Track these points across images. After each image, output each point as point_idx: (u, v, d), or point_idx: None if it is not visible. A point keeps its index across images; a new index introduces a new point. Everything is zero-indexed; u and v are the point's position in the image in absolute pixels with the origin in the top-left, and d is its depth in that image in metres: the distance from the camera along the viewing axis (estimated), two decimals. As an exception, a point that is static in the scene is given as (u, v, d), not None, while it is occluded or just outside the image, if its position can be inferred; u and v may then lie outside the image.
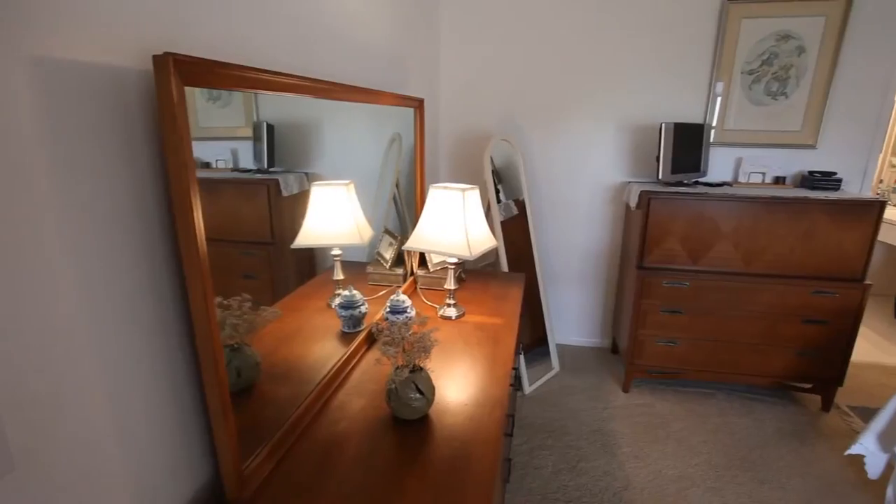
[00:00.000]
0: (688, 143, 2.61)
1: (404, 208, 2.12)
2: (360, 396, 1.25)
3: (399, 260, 1.98)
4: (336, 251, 1.44)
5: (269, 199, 1.16)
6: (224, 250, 1.01)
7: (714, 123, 2.81)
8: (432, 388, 1.14)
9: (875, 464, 1.97)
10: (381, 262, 1.88)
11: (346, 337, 1.47)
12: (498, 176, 2.96)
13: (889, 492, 1.95)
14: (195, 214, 0.75)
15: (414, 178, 2.12)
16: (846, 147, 2.75)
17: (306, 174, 1.30)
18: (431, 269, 1.99)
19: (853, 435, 2.02)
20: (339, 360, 1.34)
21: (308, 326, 1.34)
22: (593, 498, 2.01)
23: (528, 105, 2.94)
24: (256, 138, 1.09)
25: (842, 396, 2.66)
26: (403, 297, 1.56)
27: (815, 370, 2.54)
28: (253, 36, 1.05)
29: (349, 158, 1.57)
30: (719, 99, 2.79)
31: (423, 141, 2.09)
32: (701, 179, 2.77)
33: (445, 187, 1.62)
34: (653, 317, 2.58)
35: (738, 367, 2.60)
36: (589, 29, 2.77)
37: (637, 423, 2.50)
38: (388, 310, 1.53)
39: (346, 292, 1.47)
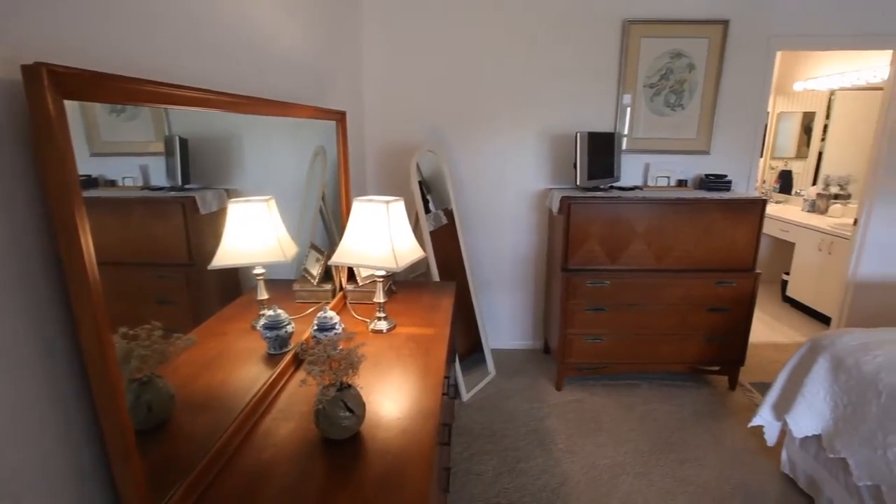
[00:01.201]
0: (602, 150, 2.79)
1: (332, 222, 2.08)
2: (287, 420, 1.20)
3: (327, 275, 1.94)
4: (258, 270, 1.38)
5: (186, 217, 1.10)
6: (134, 275, 0.94)
7: (625, 132, 3.03)
8: (362, 405, 1.12)
9: (772, 432, 2.19)
10: (309, 278, 1.83)
11: (272, 359, 1.41)
12: (427, 186, 2.99)
13: (784, 455, 2.18)
14: (83, 239, 0.68)
15: (339, 191, 2.09)
16: (733, 152, 3.07)
17: (226, 190, 1.24)
18: (361, 283, 1.96)
19: (754, 409, 2.23)
20: (264, 384, 1.28)
21: (231, 351, 1.27)
22: (533, 497, 2.06)
23: (452, 116, 3.00)
24: (169, 153, 1.02)
25: (744, 375, 2.94)
26: (331, 313, 1.53)
27: (722, 353, 2.79)
28: (156, 48, 0.99)
29: (272, 173, 1.52)
30: (629, 110, 3.01)
31: (347, 153, 2.07)
32: (615, 184, 2.96)
33: (369, 200, 1.61)
34: (579, 316, 2.71)
35: (657, 356, 2.80)
36: (506, 45, 2.89)
37: (571, 418, 2.60)
38: (315, 328, 1.49)
39: (271, 312, 1.41)
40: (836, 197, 4.17)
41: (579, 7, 2.85)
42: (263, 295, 1.40)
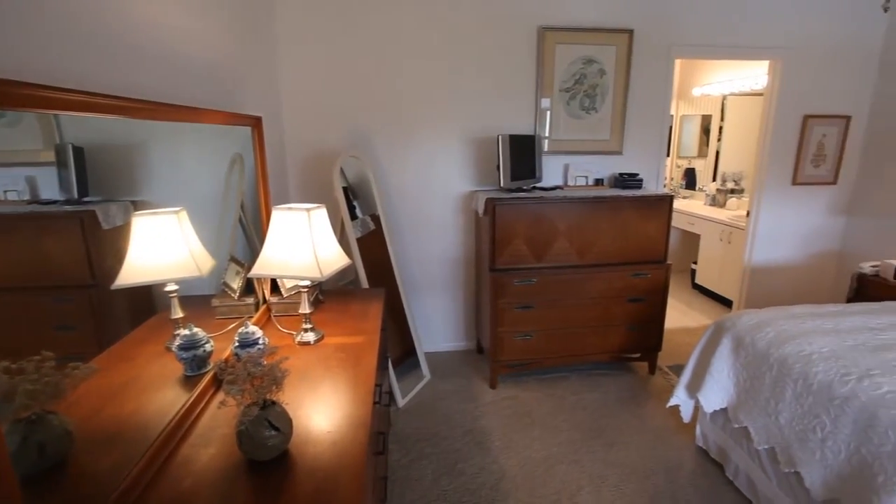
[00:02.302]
0: (523, 152, 2.89)
1: (253, 233, 1.99)
2: (208, 446, 1.13)
3: (249, 288, 1.85)
4: (171, 287, 1.29)
5: (85, 234, 1.00)
6: (24, 300, 0.85)
7: (547, 134, 3.16)
8: (289, 422, 1.08)
9: (687, 410, 2.37)
10: (229, 292, 1.74)
11: (189, 381, 1.32)
12: (353, 192, 2.94)
13: (697, 429, 2.37)
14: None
15: (259, 200, 2.00)
16: (643, 152, 3.29)
17: (133, 202, 1.15)
18: (285, 295, 1.89)
19: (671, 390, 2.41)
20: (181, 409, 1.19)
21: (143, 376, 1.18)
22: (472, 496, 2.08)
23: (375, 121, 2.97)
24: (61, 163, 0.93)
25: (662, 359, 3.16)
26: (253, 328, 1.46)
27: (641, 341, 2.99)
28: (36, 46, 0.89)
29: (185, 183, 1.43)
30: (549, 113, 3.14)
31: (265, 160, 1.99)
32: (538, 185, 3.07)
33: (289, 208, 1.56)
34: (509, 314, 2.78)
35: (584, 348, 2.94)
36: (427, 49, 2.91)
37: (506, 415, 2.66)
38: (236, 344, 1.42)
39: (186, 331, 1.32)
40: (733, 192, 4.60)
41: (497, 13, 2.94)
42: (178, 313, 1.31)
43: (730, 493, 2.09)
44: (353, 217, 2.81)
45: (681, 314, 4.11)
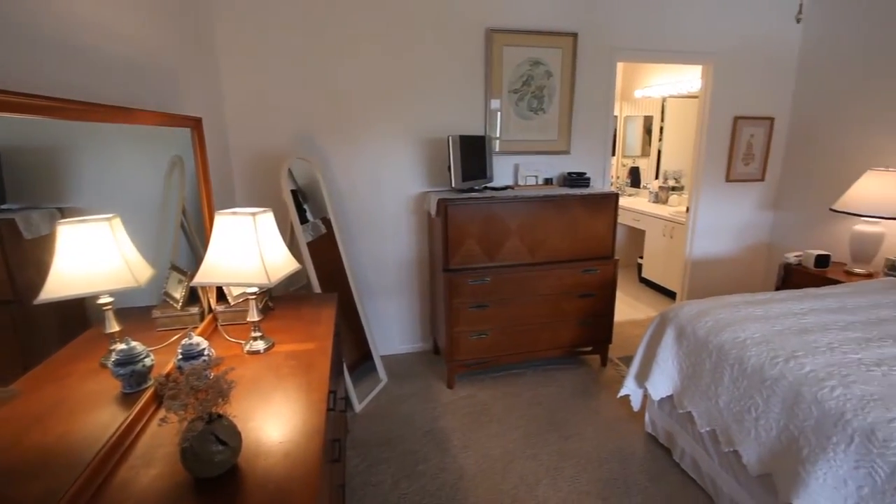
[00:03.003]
0: (474, 152, 2.92)
1: (196, 239, 1.90)
2: (149, 466, 1.07)
3: (193, 298, 1.77)
4: (105, 299, 1.21)
5: (3, 244, 0.93)
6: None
7: (498, 135, 3.20)
8: (237, 435, 1.04)
9: (636, 399, 2.47)
10: (171, 302, 1.66)
11: (127, 399, 1.25)
12: (302, 195, 2.87)
13: (647, 417, 2.48)
14: None
15: (201, 205, 1.92)
16: (590, 152, 3.41)
17: (60, 210, 1.07)
18: (233, 303, 1.82)
19: (622, 381, 2.51)
20: (118, 429, 1.12)
21: (73, 397, 1.10)
22: (432, 497, 2.08)
23: (323, 122, 2.92)
24: None
25: (613, 351, 3.28)
26: (198, 338, 1.40)
27: (592, 334, 3.08)
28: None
29: (119, 187, 1.35)
30: (499, 114, 3.18)
31: (206, 163, 1.91)
32: (489, 185, 3.11)
33: (233, 213, 1.50)
34: (464, 314, 2.80)
35: (538, 344, 3.00)
36: (376, 50, 2.89)
37: (464, 414, 2.68)
38: (179, 357, 1.35)
39: (123, 346, 1.25)
40: (674, 189, 4.84)
41: (445, 15, 2.95)
42: (113, 327, 1.24)
43: (677, 474, 2.19)
44: (304, 221, 2.75)
45: (629, 307, 4.27)
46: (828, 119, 3.51)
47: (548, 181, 3.30)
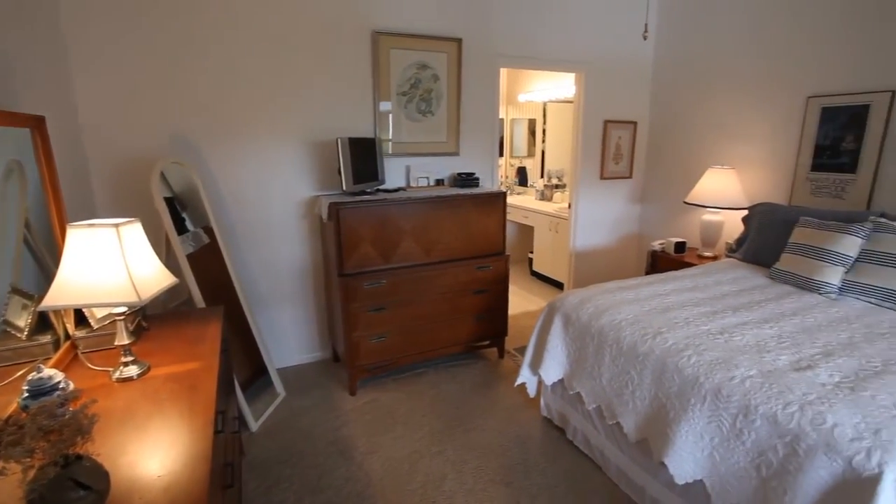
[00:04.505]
0: (365, 155, 2.89)
1: (45, 256, 1.65)
2: (-11, 525, 0.91)
3: (45, 324, 1.53)
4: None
5: None
6: None
7: (389, 137, 3.20)
8: (104, 476, 0.92)
9: (532, 386, 2.63)
10: (13, 332, 1.42)
11: (-44, 451, 1.05)
12: (180, 203, 2.62)
13: (542, 402, 2.65)
14: None
15: (51, 217, 1.67)
16: (479, 153, 3.54)
17: None
18: (96, 327, 1.61)
19: (518, 370, 2.65)
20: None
21: None
22: (338, 508, 2.03)
23: (200, 124, 2.69)
24: None
25: (509, 343, 3.45)
26: (50, 371, 1.22)
27: (489, 328, 3.21)
28: None
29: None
30: (390, 116, 3.18)
31: (54, 169, 1.66)
32: (381, 187, 3.10)
33: (90, 225, 1.33)
34: (362, 318, 2.76)
35: (438, 342, 3.05)
36: (257, 51, 2.73)
37: (368, 420, 2.64)
38: (25, 395, 1.17)
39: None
40: (557, 187, 5.21)
41: (330, 16, 2.88)
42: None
43: (571, 452, 2.37)
44: (183, 230, 2.52)
45: (523, 300, 4.52)
46: (678, 123, 4.03)
47: (439, 182, 3.38)
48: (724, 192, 3.38)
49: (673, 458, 1.71)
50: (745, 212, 3.34)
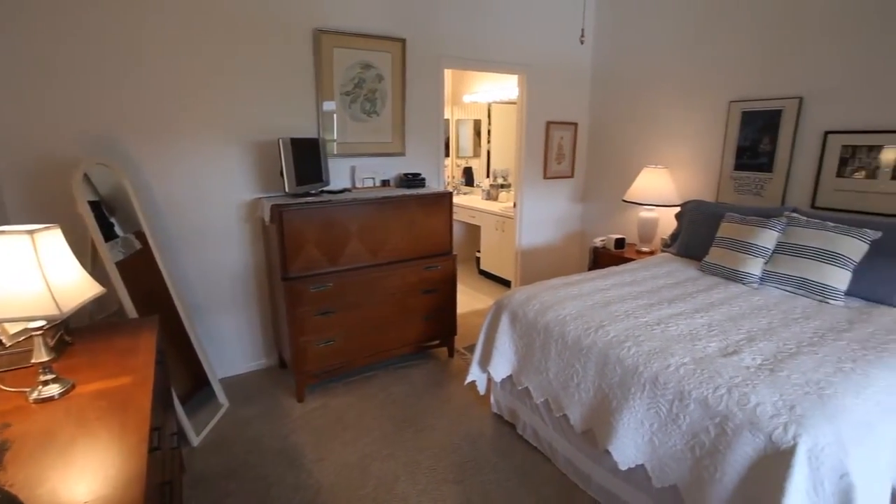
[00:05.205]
0: (308, 156, 2.82)
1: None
2: None
3: (-53, 343, 1.39)
4: None
5: None
6: None
7: (334, 137, 3.14)
8: (20, 504, 0.85)
9: (482, 383, 2.66)
10: None
11: None
12: (108, 207, 2.45)
13: (492, 399, 2.69)
14: None
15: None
16: (424, 153, 3.55)
17: None
18: (9, 344, 1.48)
19: (468, 368, 2.67)
20: None
21: None
22: (288, 520, 1.97)
23: (129, 124, 2.53)
24: None
25: (458, 342, 3.48)
26: (-45, 395, 1.10)
27: (438, 328, 3.23)
28: None
29: None
30: (335, 116, 3.11)
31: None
32: (326, 188, 3.03)
33: (0, 232, 1.22)
34: (309, 322, 2.70)
35: (387, 344, 3.03)
36: (191, 47, 2.59)
37: (317, 426, 2.58)
38: (-75, 422, 1.05)
39: None
40: (502, 186, 5.31)
41: (271, 13, 2.78)
42: None
43: (522, 446, 2.42)
44: (112, 236, 2.35)
45: (471, 298, 4.57)
46: (616, 124, 4.21)
47: (385, 183, 3.35)
48: (658, 191, 3.57)
49: (616, 445, 1.79)
50: (678, 209, 3.55)
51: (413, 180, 3.27)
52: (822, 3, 2.83)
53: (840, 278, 2.37)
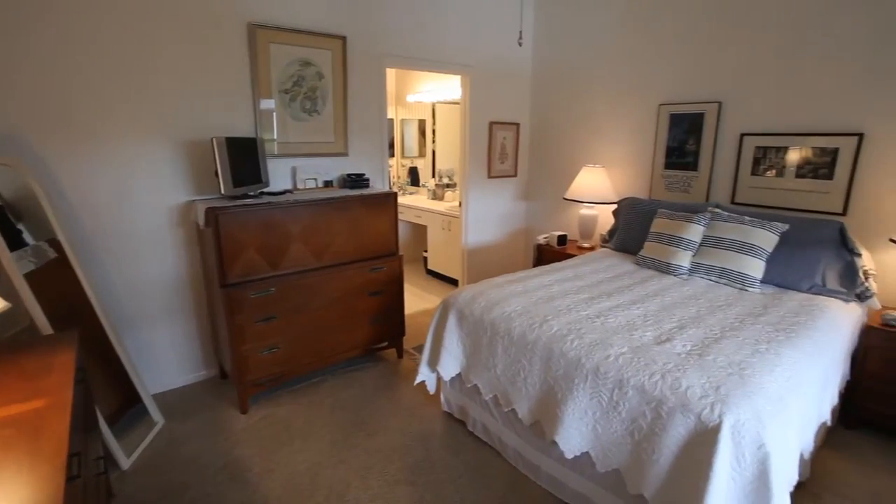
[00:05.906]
0: (245, 156, 2.70)
1: None
2: None
3: None
4: None
5: None
6: None
7: (274, 137, 3.02)
8: None
9: (431, 383, 2.66)
10: None
11: None
12: (14, 212, 2.23)
13: (442, 397, 2.69)
14: None
15: None
16: (367, 153, 3.50)
17: None
18: None
19: (417, 369, 2.66)
20: None
21: None
22: (231, 538, 1.88)
23: (36, 121, 2.31)
24: None
25: (407, 343, 3.46)
26: None
27: (387, 329, 3.19)
28: None
29: None
30: (274, 115, 3.00)
31: None
32: (265, 190, 2.92)
33: None
34: (250, 330, 2.59)
35: (335, 348, 2.96)
36: (110, 37, 2.41)
37: (262, 437, 2.48)
38: None
39: None
40: (448, 186, 5.33)
41: (199, 3, 2.63)
42: None
43: (473, 442, 2.44)
44: (20, 244, 2.15)
45: (419, 298, 4.56)
46: (556, 125, 4.34)
47: (328, 183, 3.28)
48: (596, 189, 3.72)
49: (562, 435, 1.84)
50: (615, 206, 3.71)
51: (357, 181, 3.22)
52: (737, 17, 3.06)
53: (756, 267, 2.58)
